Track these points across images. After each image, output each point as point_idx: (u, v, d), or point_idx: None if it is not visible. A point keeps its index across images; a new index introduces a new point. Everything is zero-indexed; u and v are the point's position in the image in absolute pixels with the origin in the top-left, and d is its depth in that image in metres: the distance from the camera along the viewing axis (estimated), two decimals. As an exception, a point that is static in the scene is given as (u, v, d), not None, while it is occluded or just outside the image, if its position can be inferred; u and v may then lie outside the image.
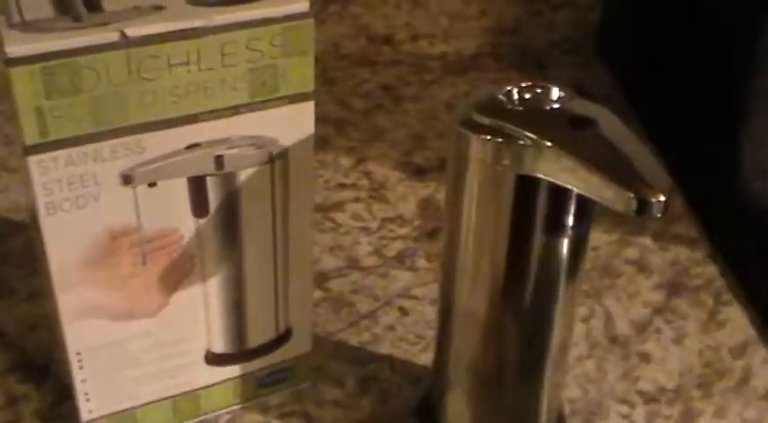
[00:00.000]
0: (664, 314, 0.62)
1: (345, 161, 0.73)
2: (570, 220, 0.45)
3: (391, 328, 0.60)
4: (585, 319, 0.61)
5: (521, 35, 0.85)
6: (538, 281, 0.46)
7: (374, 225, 0.68)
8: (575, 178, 0.40)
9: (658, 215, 0.39)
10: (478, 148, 0.43)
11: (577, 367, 0.58)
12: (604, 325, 0.61)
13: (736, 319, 0.62)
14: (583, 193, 0.40)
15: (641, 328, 0.61)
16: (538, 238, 0.45)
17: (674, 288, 0.64)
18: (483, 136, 0.42)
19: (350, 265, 0.65)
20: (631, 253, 0.66)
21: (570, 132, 0.41)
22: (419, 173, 0.72)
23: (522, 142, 0.41)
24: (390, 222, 0.68)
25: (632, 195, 0.38)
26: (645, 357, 0.59)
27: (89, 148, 0.43)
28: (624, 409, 0.56)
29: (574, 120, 0.42)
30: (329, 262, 0.65)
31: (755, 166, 0.69)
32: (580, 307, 0.62)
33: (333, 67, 0.82)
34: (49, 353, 0.57)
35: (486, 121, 0.42)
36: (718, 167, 0.71)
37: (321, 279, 0.63)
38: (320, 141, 0.74)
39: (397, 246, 0.66)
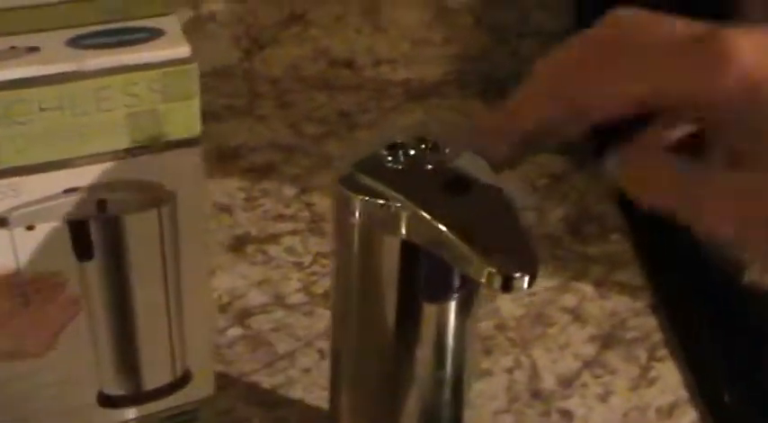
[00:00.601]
0: (593, 368, 0.60)
1: (289, 190, 0.71)
2: (455, 282, 0.43)
3: (307, 370, 0.59)
4: (509, 371, 0.59)
5: (486, 63, 0.83)
6: (424, 340, 0.44)
7: (307, 260, 0.66)
8: (441, 247, 0.38)
9: (524, 290, 0.37)
10: (353, 206, 0.41)
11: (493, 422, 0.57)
12: (529, 378, 0.59)
13: (669, 376, 0.59)
14: (449, 262, 0.38)
15: (567, 382, 0.59)
16: (420, 298, 0.43)
17: (607, 340, 0.62)
18: (357, 195, 0.40)
19: (275, 302, 0.63)
20: (569, 301, 0.64)
21: (443, 196, 0.39)
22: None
23: (390, 204, 0.39)
24: (324, 257, 0.66)
25: (495, 271, 0.36)
26: (566, 415, 0.57)
27: (-42, 190, 0.42)
28: (535, 469, 0.54)
29: (451, 182, 0.40)
30: (254, 297, 0.63)
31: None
32: (505, 357, 0.60)
33: (290, 90, 0.80)
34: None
35: (362, 178, 0.41)
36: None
37: (243, 315, 0.62)
38: (266, 168, 0.73)
39: (327, 282, 0.64)
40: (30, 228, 0.44)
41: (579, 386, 0.59)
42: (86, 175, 0.44)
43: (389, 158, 0.41)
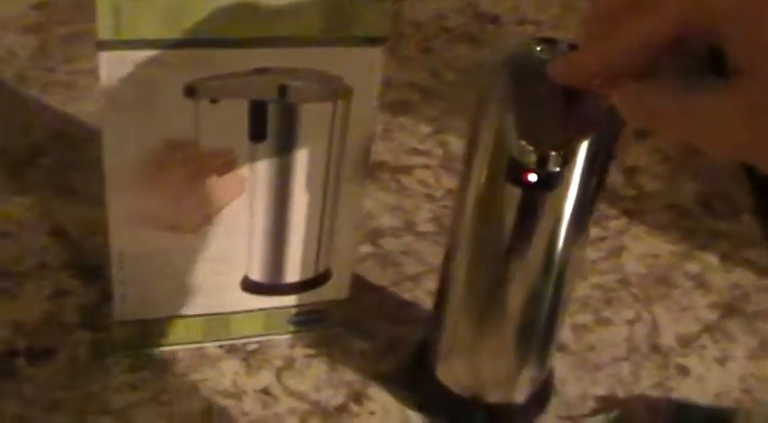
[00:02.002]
0: (713, 333, 0.60)
1: (425, 128, 0.73)
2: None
3: (433, 293, 0.60)
4: (630, 322, 0.60)
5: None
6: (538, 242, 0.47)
7: (439, 194, 0.68)
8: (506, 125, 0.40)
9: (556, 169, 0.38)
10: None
11: (611, 367, 0.57)
12: (648, 332, 0.60)
13: (788, 352, 0.60)
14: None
15: (686, 342, 0.59)
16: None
17: (729, 310, 0.62)
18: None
19: (406, 228, 0.65)
20: (693, 268, 0.65)
21: (541, 83, 0.40)
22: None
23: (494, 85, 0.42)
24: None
25: (531, 147, 0.38)
26: (683, 371, 0.58)
27: (159, 53, 0.44)
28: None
29: None
30: (386, 220, 0.65)
31: None
32: (627, 310, 0.61)
33: (433, 37, 0.82)
34: (104, 257, 0.58)
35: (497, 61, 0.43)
36: None
37: (374, 235, 0.63)
38: (404, 106, 0.75)
39: (458, 218, 0.66)
40: (213, 101, 0.46)
41: (698, 347, 0.59)
42: (275, 58, 0.46)
43: (538, 49, 0.43)
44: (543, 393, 0.54)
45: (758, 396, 0.57)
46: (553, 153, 0.38)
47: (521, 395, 0.53)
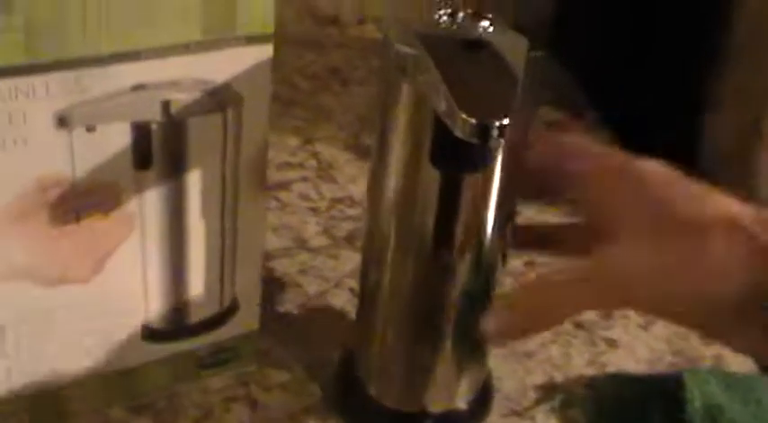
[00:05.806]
0: (629, 301, 0.59)
1: (292, 140, 0.69)
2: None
3: (342, 310, 0.56)
4: (548, 305, 0.58)
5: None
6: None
7: (323, 205, 0.64)
8: (437, 96, 0.37)
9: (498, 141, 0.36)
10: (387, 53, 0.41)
11: (542, 353, 0.55)
12: (568, 310, 0.58)
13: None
14: (442, 115, 0.37)
15: (607, 314, 0.58)
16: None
17: (638, 275, 0.61)
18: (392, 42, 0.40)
19: (297, 246, 0.60)
20: (593, 239, 0.63)
21: (459, 53, 0.39)
22: (368, 154, 0.68)
23: (410, 52, 0.40)
24: (339, 203, 0.64)
25: (470, 119, 0.35)
26: (612, 343, 0.56)
27: (21, 82, 0.38)
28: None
29: (471, 43, 0.40)
30: (274, 242, 0.60)
31: (713, 160, 0.67)
32: (542, 291, 0.59)
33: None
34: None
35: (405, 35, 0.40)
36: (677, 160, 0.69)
37: (265, 259, 0.58)
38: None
39: (347, 226, 0.62)
40: (90, 129, 0.41)
41: (619, 317, 0.58)
42: (154, 71, 0.40)
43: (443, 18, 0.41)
44: (485, 394, 0.51)
45: (690, 355, 0.56)
46: (497, 123, 0.35)
47: (463, 400, 0.49)
